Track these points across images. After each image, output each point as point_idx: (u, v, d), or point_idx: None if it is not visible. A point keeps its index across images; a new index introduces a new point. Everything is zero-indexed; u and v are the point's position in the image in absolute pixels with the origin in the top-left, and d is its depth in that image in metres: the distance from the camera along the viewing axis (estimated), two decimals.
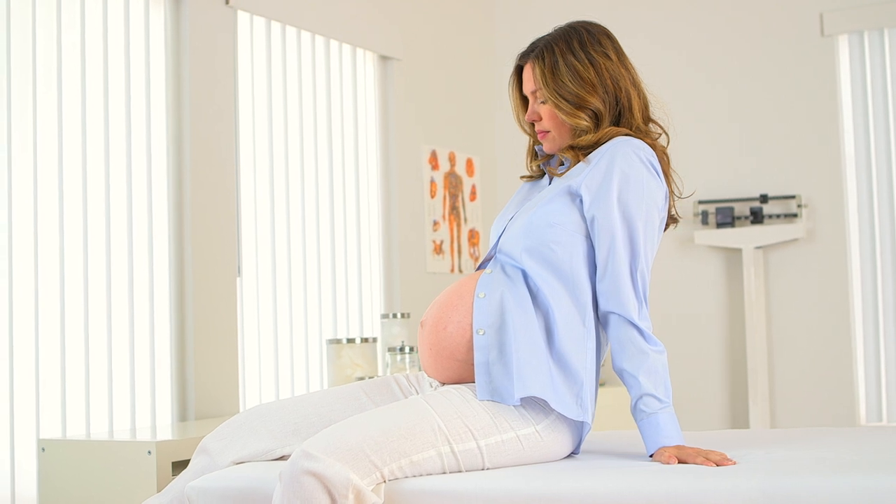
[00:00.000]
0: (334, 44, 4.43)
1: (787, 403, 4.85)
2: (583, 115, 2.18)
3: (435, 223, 4.98)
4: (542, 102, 2.23)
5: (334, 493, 1.80)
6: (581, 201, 2.12)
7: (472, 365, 2.10)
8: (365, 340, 3.89)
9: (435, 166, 5.02)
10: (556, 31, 2.25)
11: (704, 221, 4.94)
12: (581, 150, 2.17)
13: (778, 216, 4.84)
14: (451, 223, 5.11)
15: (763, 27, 4.99)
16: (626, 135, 2.16)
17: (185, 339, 3.58)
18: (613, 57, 2.21)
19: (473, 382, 2.10)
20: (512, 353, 2.03)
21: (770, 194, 4.87)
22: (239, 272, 3.84)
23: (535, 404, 2.05)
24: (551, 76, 2.19)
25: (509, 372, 2.03)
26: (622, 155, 2.11)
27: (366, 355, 3.89)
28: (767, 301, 4.90)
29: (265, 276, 3.97)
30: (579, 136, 2.19)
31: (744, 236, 4.84)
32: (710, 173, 5.04)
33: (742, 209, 4.92)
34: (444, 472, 1.96)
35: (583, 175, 2.13)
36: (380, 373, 3.98)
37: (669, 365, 5.38)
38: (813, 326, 4.83)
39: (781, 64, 4.93)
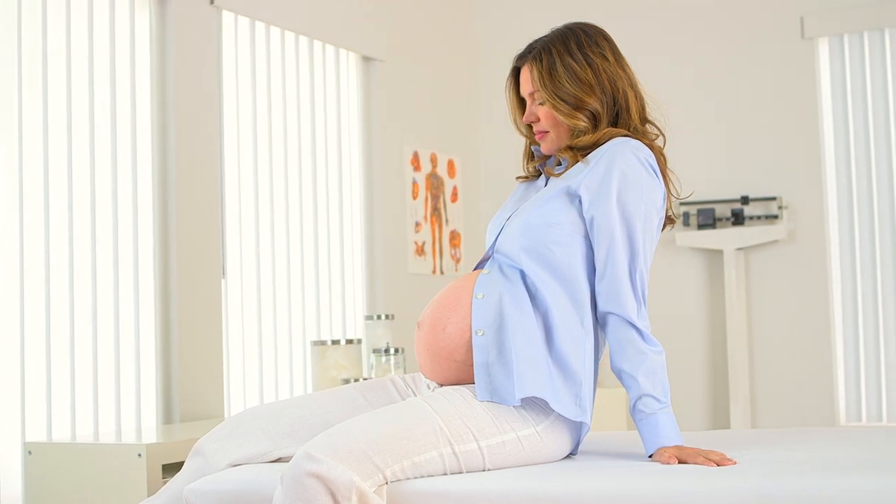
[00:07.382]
0: (317, 44, 4.41)
1: (768, 404, 4.88)
2: (581, 115, 2.18)
3: (417, 224, 4.97)
4: (540, 104, 2.23)
5: (338, 495, 1.79)
6: (580, 202, 2.12)
7: (471, 366, 2.09)
8: (350, 342, 3.88)
9: (417, 167, 5.01)
10: (553, 32, 2.25)
11: (686, 223, 4.96)
12: (580, 151, 2.17)
13: (759, 218, 4.86)
14: (432, 224, 5.10)
15: (744, 29, 5.01)
16: (625, 135, 2.17)
17: (169, 341, 3.56)
18: (611, 58, 2.22)
19: (472, 383, 2.09)
20: (511, 353, 2.03)
21: (751, 196, 4.90)
22: (223, 274, 3.82)
23: (535, 405, 2.05)
24: (549, 77, 2.19)
25: (509, 372, 2.02)
26: (621, 155, 2.11)
27: (350, 357, 3.87)
28: (748, 302, 4.92)
29: (250, 278, 3.95)
30: (577, 136, 2.19)
31: (725, 238, 4.86)
32: (691, 174, 5.01)
33: (723, 210, 4.94)
34: (446, 474, 1.96)
35: (581, 175, 2.13)
36: (364, 374, 3.97)
37: None
38: (793, 327, 4.86)
39: (762, 66, 4.96)
